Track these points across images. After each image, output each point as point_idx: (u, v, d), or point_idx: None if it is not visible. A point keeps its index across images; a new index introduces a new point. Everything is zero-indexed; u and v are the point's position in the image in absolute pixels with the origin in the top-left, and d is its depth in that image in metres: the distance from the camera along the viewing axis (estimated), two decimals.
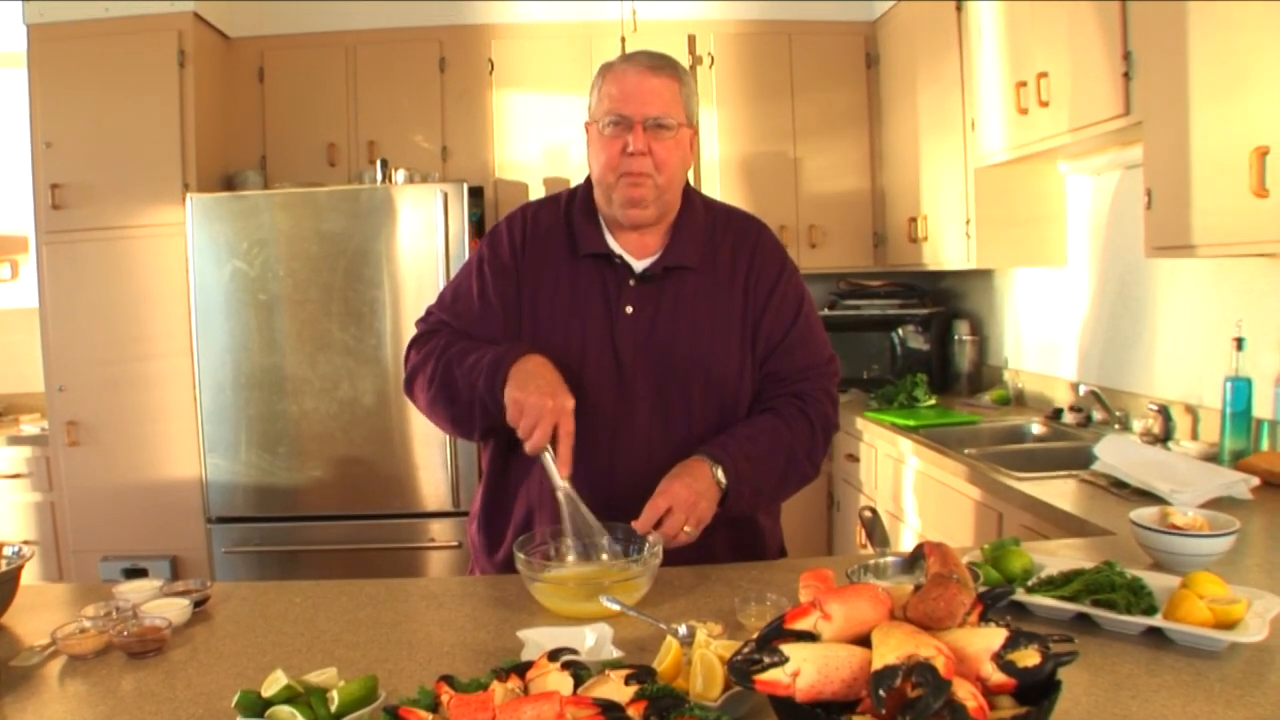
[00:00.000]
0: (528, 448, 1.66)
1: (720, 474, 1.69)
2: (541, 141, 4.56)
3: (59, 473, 4.11)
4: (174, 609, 1.57)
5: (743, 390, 1.85)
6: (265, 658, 1.45)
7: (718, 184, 4.63)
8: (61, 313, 4.07)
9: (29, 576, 1.74)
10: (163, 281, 4.03)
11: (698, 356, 1.82)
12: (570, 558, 1.68)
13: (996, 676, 0.91)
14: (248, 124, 4.48)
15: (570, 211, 1.89)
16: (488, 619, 1.57)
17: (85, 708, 1.29)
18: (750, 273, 1.87)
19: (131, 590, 1.67)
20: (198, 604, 1.64)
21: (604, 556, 1.67)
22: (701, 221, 1.89)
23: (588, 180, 1.89)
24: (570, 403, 1.67)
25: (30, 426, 4.32)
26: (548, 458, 1.66)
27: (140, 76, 4.00)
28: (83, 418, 4.07)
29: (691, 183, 2.07)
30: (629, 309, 1.82)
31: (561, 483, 1.67)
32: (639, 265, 1.84)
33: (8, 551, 1.71)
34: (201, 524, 3.99)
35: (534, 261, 1.87)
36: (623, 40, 4.18)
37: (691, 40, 4.60)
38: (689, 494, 1.64)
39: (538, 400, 1.64)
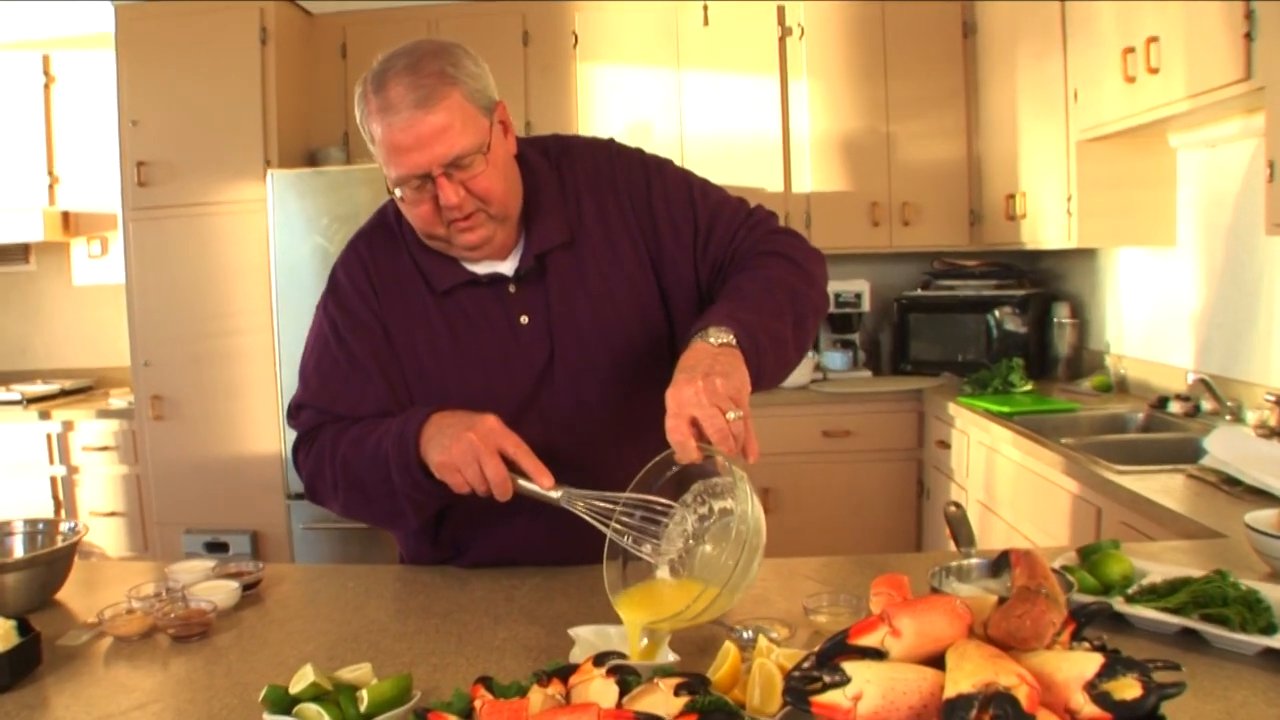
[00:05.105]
0: (498, 495, 1.41)
1: (716, 336, 1.36)
2: (626, 115, 4.47)
3: (144, 446, 4.19)
4: (222, 592, 1.54)
5: (679, 326, 1.60)
6: (309, 645, 1.41)
7: (808, 159, 4.49)
8: (147, 288, 4.13)
9: (117, 547, 1.73)
10: (245, 257, 4.06)
11: (617, 324, 1.61)
12: (647, 546, 1.33)
13: (1088, 709, 0.78)
14: (330, 100, 4.48)
15: (410, 247, 1.61)
16: (543, 613, 1.49)
17: (121, 693, 1.26)
18: (626, 204, 1.63)
19: (183, 570, 1.65)
20: (248, 587, 1.61)
21: (681, 535, 1.34)
22: (549, 181, 1.62)
23: None
24: (492, 420, 1.42)
25: (119, 400, 4.42)
26: (522, 485, 1.41)
27: (223, 54, 4.03)
28: (167, 392, 4.13)
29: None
30: (524, 319, 1.59)
31: (555, 492, 1.40)
32: (508, 268, 1.60)
33: (63, 528, 1.71)
34: (282, 500, 4.02)
35: (392, 308, 1.61)
36: (704, 10, 4.06)
37: (781, 12, 4.45)
38: (698, 384, 1.27)
39: (461, 448, 1.39)
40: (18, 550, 1.70)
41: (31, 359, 5.03)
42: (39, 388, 4.57)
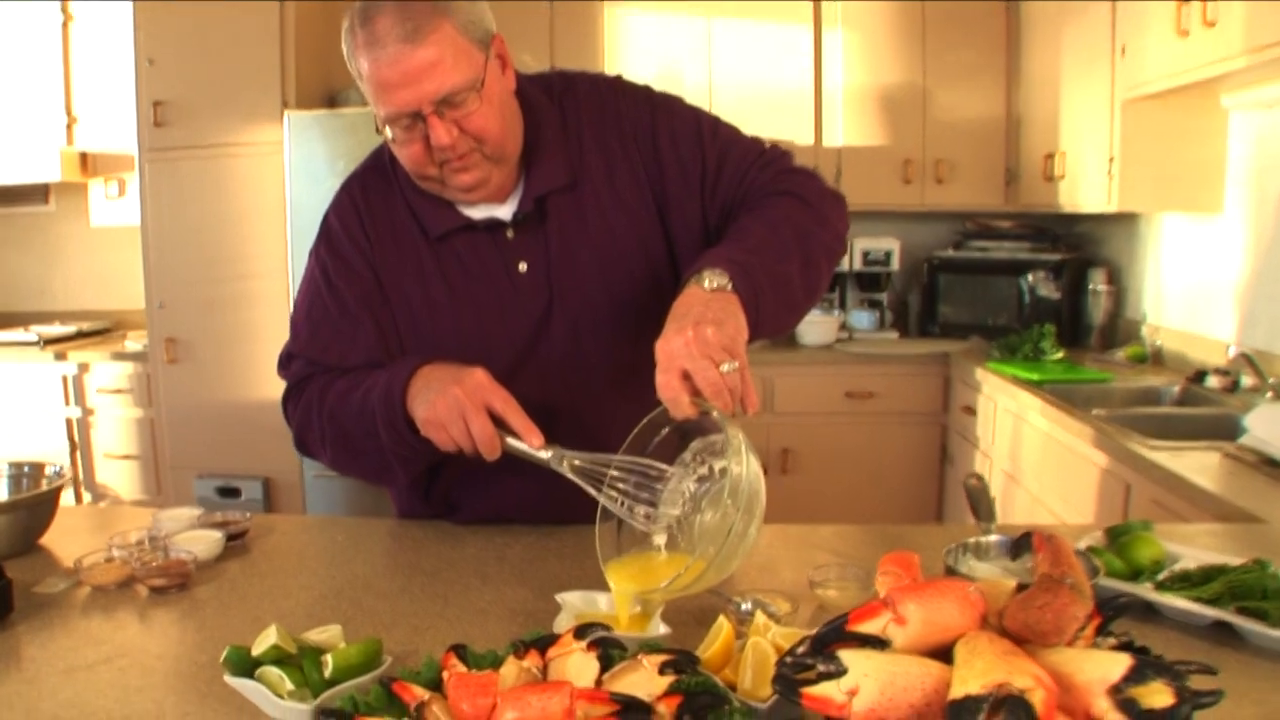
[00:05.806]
0: (485, 454, 1.32)
1: (711, 280, 1.26)
2: (655, 61, 4.35)
3: (158, 389, 4.14)
4: (204, 542, 1.48)
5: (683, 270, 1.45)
6: (288, 601, 1.35)
7: (840, 113, 4.37)
8: (163, 230, 4.07)
9: (131, 490, 1.67)
10: (260, 200, 3.98)
11: (620, 272, 1.52)
12: (642, 512, 1.22)
13: (1112, 717, 0.70)
14: None
15: (404, 190, 1.52)
16: (534, 574, 1.42)
17: (90, 645, 1.20)
18: (630, 142, 1.53)
19: (169, 518, 1.59)
20: (233, 537, 1.55)
21: (676, 496, 1.22)
22: (551, 120, 1.52)
23: None
24: (480, 374, 1.33)
25: (134, 343, 4.37)
26: (511, 444, 1.32)
27: None
28: (181, 335, 4.08)
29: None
30: (522, 266, 1.50)
31: (544, 452, 1.31)
32: (506, 212, 1.50)
33: (48, 471, 1.66)
34: (293, 447, 3.97)
35: (385, 252, 1.53)
36: None
37: None
38: (689, 333, 1.17)
39: (446, 404, 1.31)
40: (1, 493, 1.65)
41: (50, 300, 4.99)
42: (56, 329, 4.53)
